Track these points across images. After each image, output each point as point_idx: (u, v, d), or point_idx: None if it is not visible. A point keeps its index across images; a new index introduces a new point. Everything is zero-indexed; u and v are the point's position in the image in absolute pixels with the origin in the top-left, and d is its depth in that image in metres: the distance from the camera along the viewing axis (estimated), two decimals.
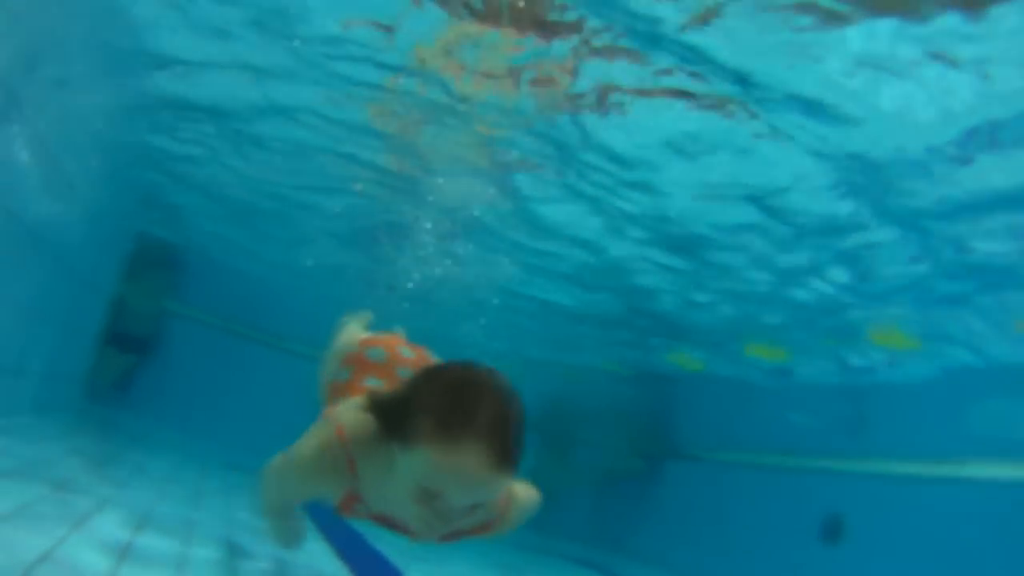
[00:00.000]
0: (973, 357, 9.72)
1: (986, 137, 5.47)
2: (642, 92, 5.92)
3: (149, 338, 14.51)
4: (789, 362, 12.26)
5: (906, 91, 5.24)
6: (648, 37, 5.24)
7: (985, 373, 9.94)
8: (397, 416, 2.24)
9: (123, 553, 3.37)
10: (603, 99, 6.19)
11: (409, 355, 3.19)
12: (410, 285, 12.22)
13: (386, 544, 5.99)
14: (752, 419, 13.80)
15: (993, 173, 5.87)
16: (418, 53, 6.20)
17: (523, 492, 2.85)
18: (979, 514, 9.21)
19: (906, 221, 6.98)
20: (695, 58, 5.34)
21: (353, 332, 3.81)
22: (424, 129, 7.62)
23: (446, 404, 2.13)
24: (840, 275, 8.64)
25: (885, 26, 4.62)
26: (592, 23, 5.28)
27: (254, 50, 6.75)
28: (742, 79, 5.49)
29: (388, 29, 5.94)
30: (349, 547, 5.98)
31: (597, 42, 5.47)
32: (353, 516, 2.69)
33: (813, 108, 5.65)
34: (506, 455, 2.13)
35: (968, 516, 9.30)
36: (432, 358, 3.21)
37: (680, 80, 5.69)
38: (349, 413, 2.57)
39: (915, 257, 7.69)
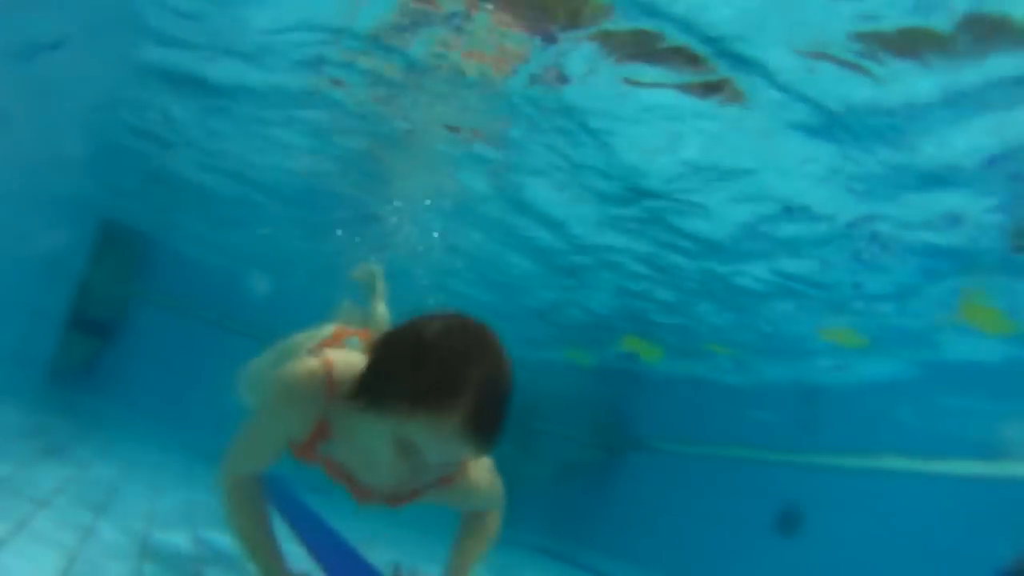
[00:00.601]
0: (924, 352, 9.87)
1: None
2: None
3: (113, 323, 14.40)
4: (741, 357, 12.38)
5: None
6: None
7: (937, 369, 10.15)
8: (384, 376, 2.17)
9: (87, 533, 3.38)
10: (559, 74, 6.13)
11: None
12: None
13: (349, 531, 6.00)
14: (711, 412, 13.96)
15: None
16: (377, 27, 6.15)
17: (485, 466, 2.86)
18: (930, 507, 9.41)
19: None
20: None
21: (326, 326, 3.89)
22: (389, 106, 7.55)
23: (440, 364, 2.07)
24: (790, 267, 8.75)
25: None
26: None
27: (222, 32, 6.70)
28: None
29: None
30: (309, 530, 5.98)
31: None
32: (311, 461, 2.68)
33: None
34: (493, 422, 2.12)
35: (919, 509, 9.49)
36: None
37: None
38: (340, 354, 2.56)
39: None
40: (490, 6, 5.32)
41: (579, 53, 5.58)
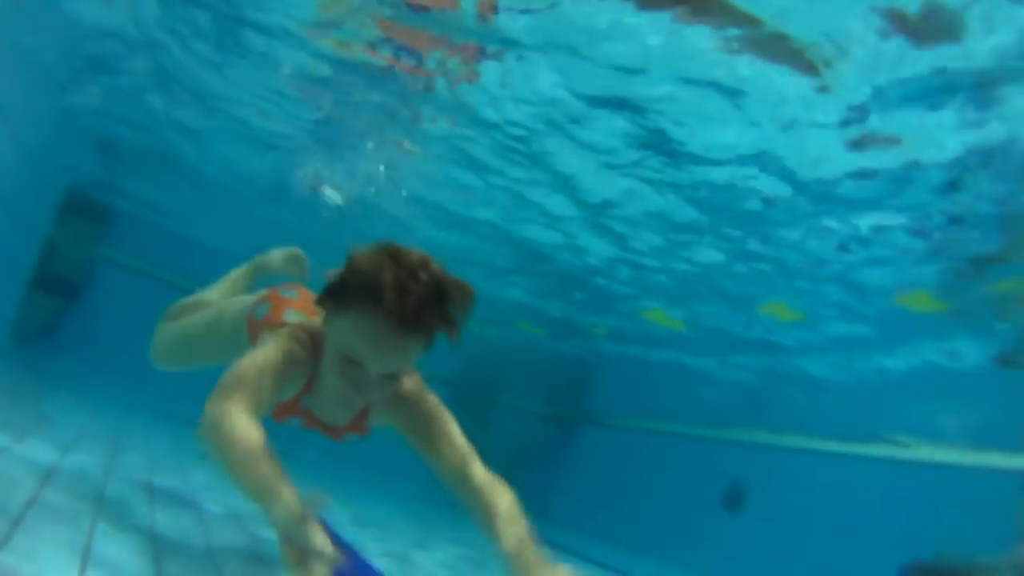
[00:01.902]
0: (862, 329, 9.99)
1: None
2: None
3: (77, 283, 14.22)
4: (687, 330, 12.43)
5: None
6: None
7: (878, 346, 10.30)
8: (333, 290, 2.43)
9: (46, 477, 3.36)
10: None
11: None
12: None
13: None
14: (662, 388, 14.11)
15: None
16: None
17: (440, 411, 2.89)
18: (877, 490, 9.60)
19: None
20: None
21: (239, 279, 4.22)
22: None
23: (373, 282, 2.27)
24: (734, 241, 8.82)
25: None
26: None
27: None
28: None
29: None
30: None
31: None
32: (289, 416, 2.82)
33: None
34: (411, 315, 2.27)
35: (864, 491, 9.69)
36: None
37: None
38: (299, 316, 2.88)
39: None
40: None
41: None
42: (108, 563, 2.60)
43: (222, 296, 4.24)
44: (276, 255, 4.47)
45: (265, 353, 2.55)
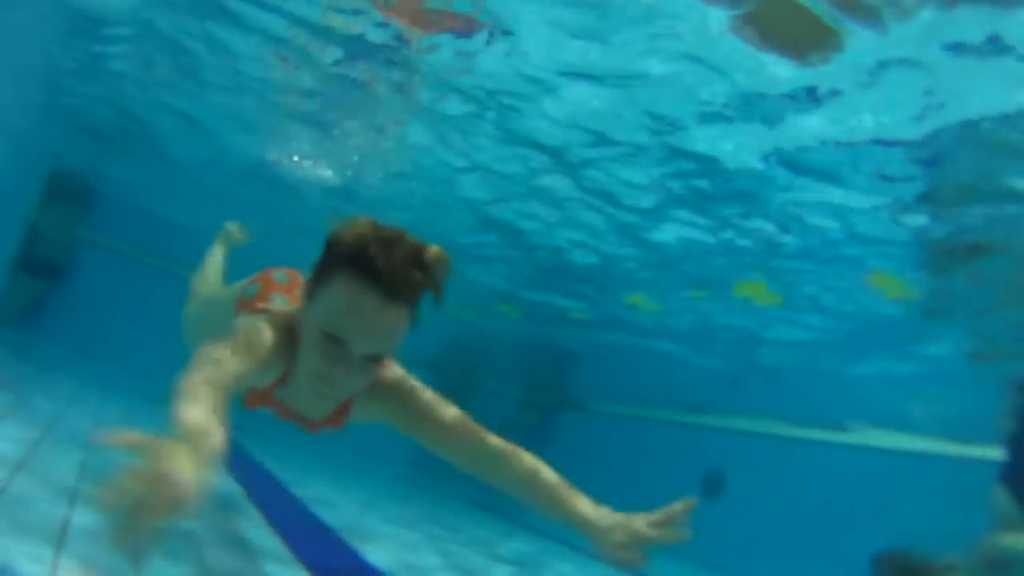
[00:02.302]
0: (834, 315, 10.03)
1: None
2: None
3: (61, 264, 14.13)
4: (663, 313, 12.36)
5: None
6: None
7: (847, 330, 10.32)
8: (318, 267, 2.37)
9: (18, 465, 3.33)
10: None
11: None
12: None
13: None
14: (643, 374, 14.14)
15: None
16: None
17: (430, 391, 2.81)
18: (850, 475, 9.69)
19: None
20: None
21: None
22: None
23: (356, 254, 2.24)
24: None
25: None
26: None
27: None
28: None
29: None
30: (267, 495, 5.99)
31: None
32: (262, 406, 2.76)
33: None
34: (393, 283, 2.22)
35: (840, 477, 9.77)
36: None
37: None
38: (280, 303, 2.79)
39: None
40: None
41: None
42: (83, 552, 2.57)
43: (214, 272, 4.34)
44: (230, 225, 5.00)
45: (237, 335, 2.50)
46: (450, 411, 2.75)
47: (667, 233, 9.26)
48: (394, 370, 2.75)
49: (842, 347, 10.79)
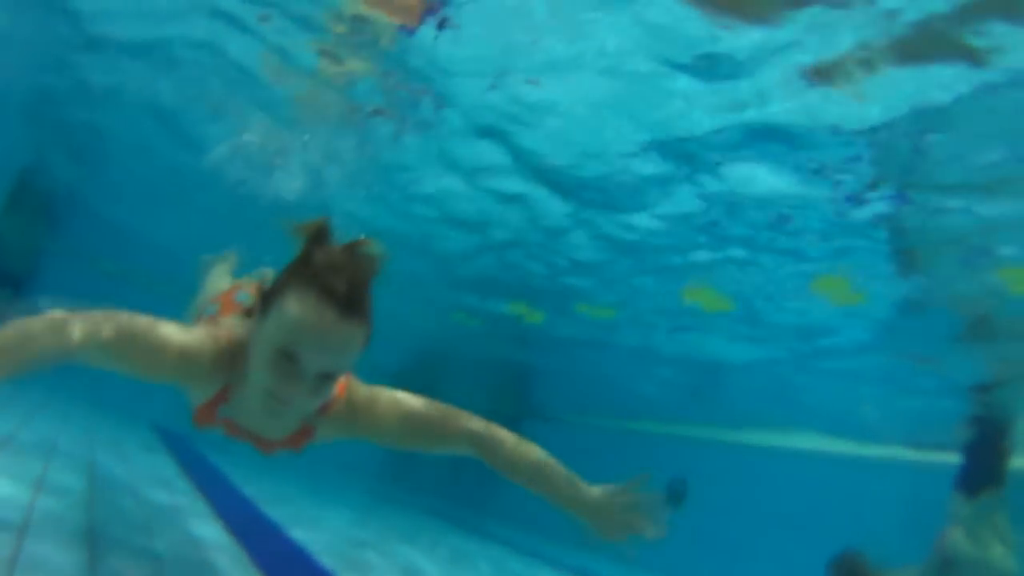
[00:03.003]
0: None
1: None
2: None
3: (25, 274, 13.93)
4: (617, 320, 12.26)
5: None
6: None
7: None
8: (271, 290, 2.31)
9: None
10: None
11: None
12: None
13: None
14: (605, 384, 14.17)
15: None
16: None
17: (402, 395, 2.80)
18: (803, 482, 9.76)
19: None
20: None
21: (222, 276, 4.09)
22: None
23: (307, 270, 2.21)
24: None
25: None
26: None
27: None
28: None
29: None
30: (218, 494, 5.91)
31: None
32: (210, 424, 2.68)
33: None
34: (344, 298, 2.18)
35: (793, 483, 9.84)
36: None
37: None
38: (230, 320, 2.70)
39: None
40: None
41: None
42: (40, 558, 2.53)
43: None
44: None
45: (135, 329, 2.40)
46: (424, 414, 2.77)
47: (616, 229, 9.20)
48: (359, 391, 2.68)
49: (794, 352, 10.76)
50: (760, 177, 6.84)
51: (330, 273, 2.18)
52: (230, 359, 2.46)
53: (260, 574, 3.65)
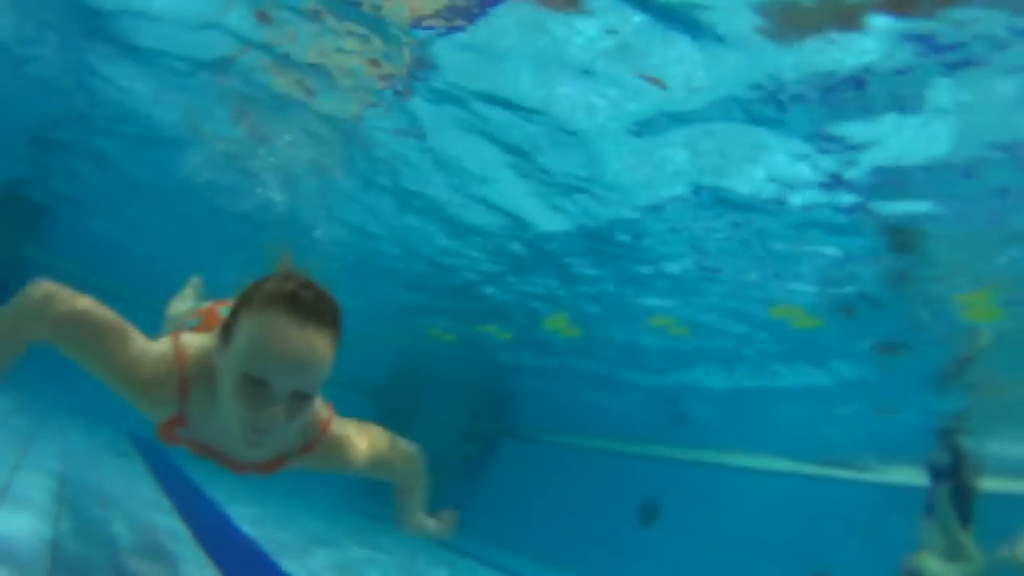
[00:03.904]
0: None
1: None
2: None
3: (6, 283, 13.81)
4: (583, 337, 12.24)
5: None
6: None
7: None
8: (230, 318, 2.24)
9: None
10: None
11: None
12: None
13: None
14: (582, 404, 14.17)
15: None
16: None
17: (375, 438, 2.82)
18: (784, 504, 9.78)
19: None
20: None
21: (186, 299, 4.19)
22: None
23: (267, 290, 2.16)
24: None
25: None
26: None
27: None
28: None
29: None
30: (185, 500, 5.89)
31: None
32: (174, 443, 2.61)
33: None
34: (323, 323, 2.14)
35: (773, 505, 9.86)
36: None
37: None
38: (195, 340, 2.54)
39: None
40: None
41: None
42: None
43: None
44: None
45: (106, 332, 2.44)
46: (388, 454, 2.86)
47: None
48: (335, 427, 2.66)
49: (757, 373, 10.71)
50: None
51: (288, 284, 2.16)
52: (182, 385, 2.40)
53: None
